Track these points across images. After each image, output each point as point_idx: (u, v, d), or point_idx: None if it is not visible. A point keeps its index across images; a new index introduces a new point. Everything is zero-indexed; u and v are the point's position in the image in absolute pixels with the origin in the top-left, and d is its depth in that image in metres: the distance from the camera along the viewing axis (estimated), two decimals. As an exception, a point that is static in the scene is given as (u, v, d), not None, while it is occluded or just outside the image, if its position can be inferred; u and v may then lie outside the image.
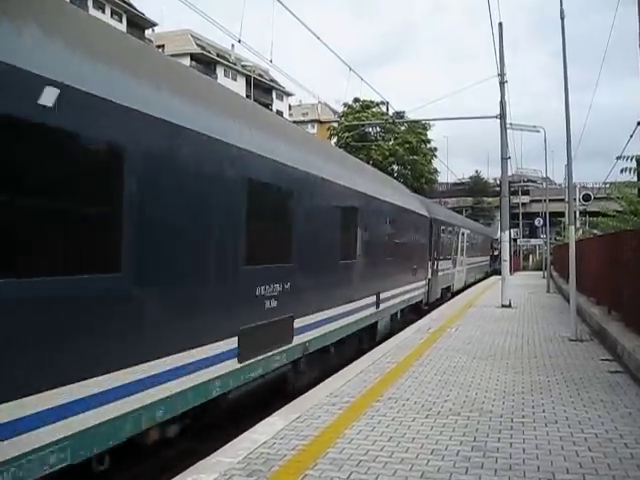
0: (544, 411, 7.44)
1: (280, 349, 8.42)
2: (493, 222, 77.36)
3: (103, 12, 68.76)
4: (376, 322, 14.14)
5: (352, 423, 6.92)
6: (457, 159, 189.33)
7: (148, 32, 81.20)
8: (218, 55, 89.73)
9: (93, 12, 65.35)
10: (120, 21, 71.99)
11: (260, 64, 64.74)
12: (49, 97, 4.32)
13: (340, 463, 5.60)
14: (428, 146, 65.33)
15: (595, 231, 26.60)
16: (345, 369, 10.16)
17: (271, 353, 8.12)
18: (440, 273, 23.96)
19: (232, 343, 6.97)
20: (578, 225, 32.29)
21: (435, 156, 63.95)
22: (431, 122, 62.29)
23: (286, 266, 8.70)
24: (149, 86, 5.73)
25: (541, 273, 42.09)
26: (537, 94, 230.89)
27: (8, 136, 4.10)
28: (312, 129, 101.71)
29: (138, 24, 76.38)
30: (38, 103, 4.26)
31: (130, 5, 73.69)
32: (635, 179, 17.65)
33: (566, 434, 6.49)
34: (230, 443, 6.23)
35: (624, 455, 5.80)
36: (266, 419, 7.11)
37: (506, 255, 22.44)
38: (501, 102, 22.60)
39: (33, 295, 4.26)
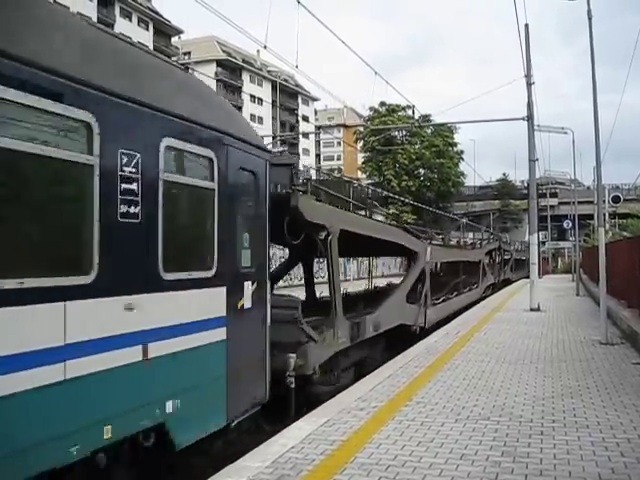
0: (575, 415, 7.33)
1: None
2: (521, 225, 76.74)
3: (130, 20, 69.52)
4: None
5: (380, 428, 6.90)
6: (484, 162, 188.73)
7: (174, 39, 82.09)
8: (244, 61, 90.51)
9: (120, 20, 66.12)
10: (147, 29, 72.77)
11: (285, 69, 64.96)
12: None
13: (369, 468, 5.58)
14: (455, 149, 65.17)
15: (625, 233, 26.24)
16: (373, 373, 10.13)
17: None
18: None
19: None
20: (607, 227, 31.88)
21: (462, 159, 63.86)
22: (457, 125, 62.32)
23: None
24: None
25: (570, 276, 41.57)
26: (564, 95, 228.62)
27: None
28: (338, 133, 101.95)
29: (164, 32, 77.23)
30: None
31: (156, 13, 74.46)
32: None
33: (598, 439, 6.39)
34: (258, 447, 6.25)
35: (658, 461, 5.69)
36: (294, 423, 7.13)
37: (535, 258, 22.26)
38: (528, 104, 22.46)
39: None
